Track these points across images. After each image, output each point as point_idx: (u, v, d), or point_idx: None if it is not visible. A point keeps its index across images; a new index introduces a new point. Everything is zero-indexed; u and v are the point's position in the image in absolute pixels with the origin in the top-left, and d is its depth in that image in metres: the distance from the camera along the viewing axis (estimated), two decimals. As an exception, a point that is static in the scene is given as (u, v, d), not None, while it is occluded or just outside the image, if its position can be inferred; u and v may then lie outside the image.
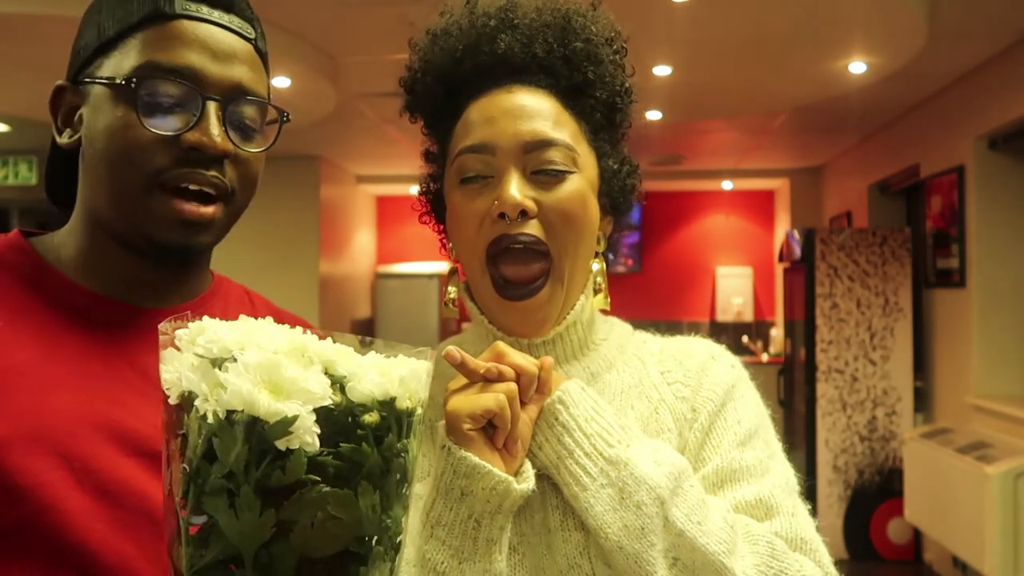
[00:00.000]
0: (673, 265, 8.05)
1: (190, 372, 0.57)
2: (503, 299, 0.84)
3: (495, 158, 0.83)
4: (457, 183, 0.85)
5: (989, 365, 4.07)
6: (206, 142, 0.80)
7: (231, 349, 0.57)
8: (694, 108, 4.84)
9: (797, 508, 0.84)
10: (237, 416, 0.54)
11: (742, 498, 0.82)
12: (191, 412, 0.56)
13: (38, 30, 3.34)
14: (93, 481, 0.75)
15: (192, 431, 0.56)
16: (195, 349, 0.58)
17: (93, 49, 0.84)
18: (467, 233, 0.84)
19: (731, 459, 0.84)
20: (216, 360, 0.57)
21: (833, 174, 6.77)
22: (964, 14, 3.35)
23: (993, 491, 3.41)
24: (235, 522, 0.54)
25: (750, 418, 0.89)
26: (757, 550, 0.77)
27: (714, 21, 3.33)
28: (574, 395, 0.80)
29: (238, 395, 0.54)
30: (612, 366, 0.90)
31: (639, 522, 0.74)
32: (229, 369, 0.55)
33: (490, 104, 0.85)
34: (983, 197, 4.10)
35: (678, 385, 0.89)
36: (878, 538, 4.82)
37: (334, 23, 3.57)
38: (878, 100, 4.60)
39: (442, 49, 0.88)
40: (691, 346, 0.94)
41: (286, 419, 0.54)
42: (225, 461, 0.54)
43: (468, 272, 0.88)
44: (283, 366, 0.56)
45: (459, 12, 0.90)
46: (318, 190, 6.62)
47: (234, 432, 0.54)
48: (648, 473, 0.75)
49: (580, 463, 0.77)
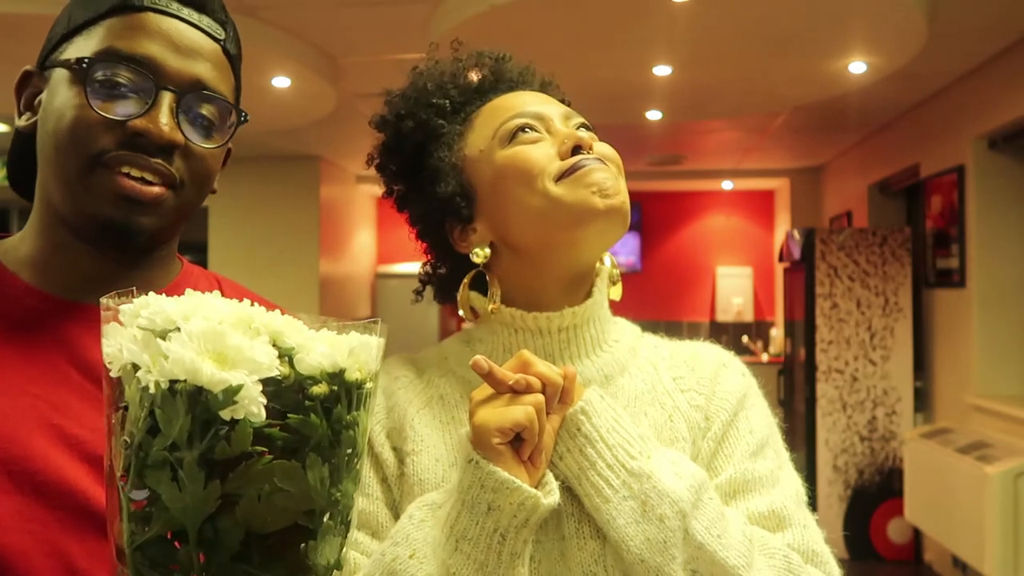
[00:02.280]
0: (673, 265, 8.05)
1: (132, 344, 0.55)
2: (581, 169, 0.86)
3: (542, 117, 0.90)
4: (507, 142, 0.88)
5: (989, 365, 4.07)
6: (152, 129, 0.80)
7: (175, 320, 0.55)
8: (694, 108, 4.84)
9: (808, 520, 0.84)
10: (180, 386, 0.53)
11: (755, 509, 0.82)
12: (132, 384, 0.55)
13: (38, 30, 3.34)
14: (31, 483, 0.75)
15: (133, 403, 0.55)
16: (138, 322, 0.56)
17: (60, 36, 0.86)
18: (534, 169, 0.86)
19: (744, 470, 0.84)
20: (160, 332, 0.55)
21: (833, 174, 6.77)
22: (964, 14, 3.35)
23: (993, 491, 3.41)
24: (178, 495, 0.53)
25: (761, 428, 0.89)
26: (774, 563, 0.77)
27: (714, 21, 3.32)
28: (596, 405, 0.79)
29: (180, 364, 0.53)
30: (625, 370, 0.90)
31: (661, 535, 0.73)
32: (172, 339, 0.54)
33: (511, 96, 0.93)
34: (983, 197, 4.09)
35: (692, 393, 0.89)
36: (878, 538, 4.82)
37: (334, 23, 3.57)
38: (878, 100, 4.59)
39: (439, 74, 0.96)
40: (702, 352, 0.95)
41: (231, 388, 0.53)
42: (168, 432, 0.53)
43: (532, 207, 0.86)
44: (227, 335, 0.54)
45: (443, 62, 0.97)
46: (318, 190, 6.62)
47: (177, 403, 0.52)
48: (671, 487, 0.75)
49: (602, 475, 0.77)
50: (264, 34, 3.62)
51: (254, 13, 3.48)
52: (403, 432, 0.86)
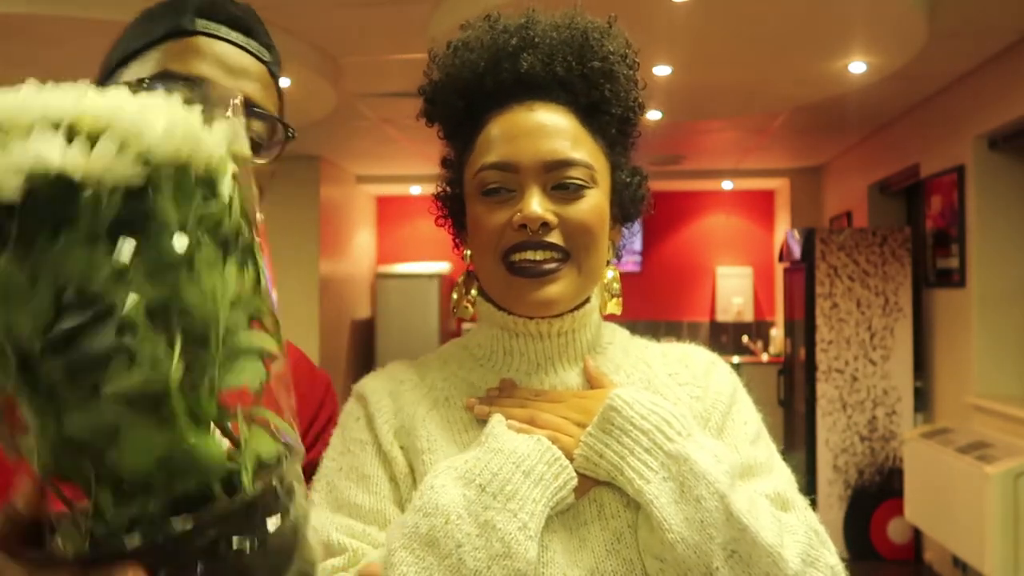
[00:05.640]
0: (673, 265, 8.05)
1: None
2: (517, 276, 0.86)
3: (517, 176, 0.86)
4: (479, 194, 0.88)
5: (989, 365, 4.07)
6: None
7: None
8: (694, 108, 4.84)
9: (805, 502, 0.88)
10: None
11: (762, 492, 0.84)
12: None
13: (38, 30, 3.34)
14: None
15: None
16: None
17: (116, 61, 0.90)
18: (488, 239, 0.87)
19: (746, 456, 0.87)
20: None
21: (833, 174, 6.77)
22: (964, 14, 3.35)
23: (993, 491, 3.41)
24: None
25: (754, 419, 0.93)
26: (797, 539, 0.80)
27: (714, 21, 3.33)
28: (624, 398, 0.82)
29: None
30: (619, 368, 0.93)
31: (699, 516, 0.76)
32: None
33: (511, 121, 0.88)
34: (983, 197, 4.09)
35: (690, 387, 0.92)
36: (878, 538, 4.82)
37: (334, 23, 3.57)
38: (878, 100, 4.59)
39: (463, 63, 0.91)
40: (691, 351, 0.98)
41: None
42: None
43: (483, 270, 0.90)
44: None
45: (480, 27, 0.92)
46: (318, 190, 6.62)
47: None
48: (708, 469, 0.78)
49: (641, 458, 0.80)
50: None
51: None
52: (414, 431, 0.87)
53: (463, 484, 0.76)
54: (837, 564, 0.82)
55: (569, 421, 0.84)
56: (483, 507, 0.75)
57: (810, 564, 0.79)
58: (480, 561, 0.73)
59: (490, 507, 0.75)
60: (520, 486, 0.77)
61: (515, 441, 0.80)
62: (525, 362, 0.91)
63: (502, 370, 0.92)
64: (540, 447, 0.80)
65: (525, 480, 0.77)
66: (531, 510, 0.76)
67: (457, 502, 0.75)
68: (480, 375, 0.92)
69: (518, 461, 0.78)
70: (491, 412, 0.84)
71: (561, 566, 0.79)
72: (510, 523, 0.75)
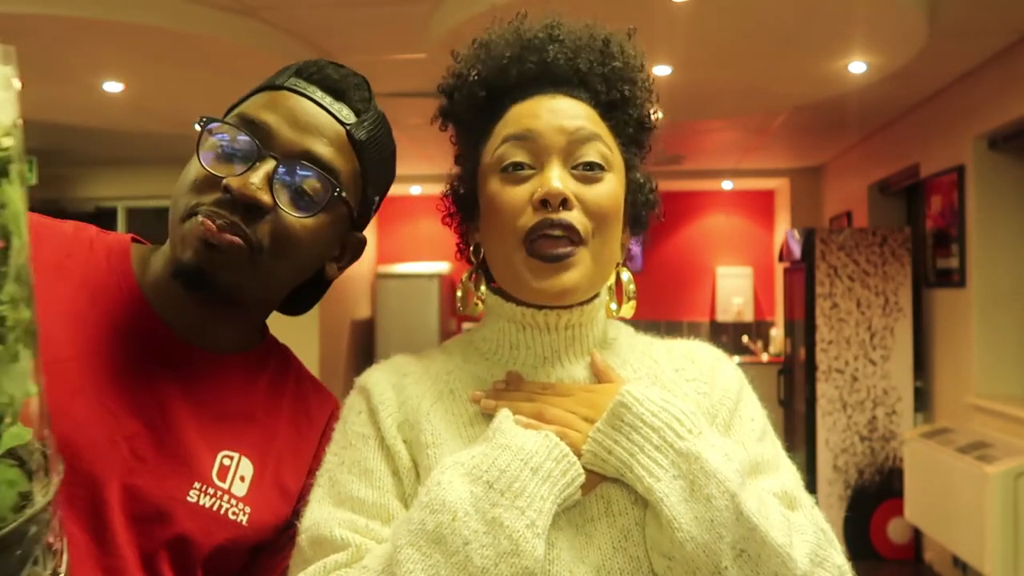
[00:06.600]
0: (673, 265, 8.05)
1: None
2: (534, 259, 0.85)
3: (538, 146, 0.86)
4: (497, 171, 0.87)
5: (989, 365, 4.07)
6: (236, 185, 0.85)
7: None
8: (694, 108, 4.84)
9: (811, 501, 0.87)
10: None
11: (770, 490, 0.84)
12: None
13: (39, 30, 3.34)
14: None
15: None
16: None
17: (228, 108, 0.95)
18: (505, 218, 0.86)
19: (754, 453, 0.87)
20: None
21: (833, 174, 6.77)
22: (964, 14, 3.35)
23: (993, 491, 3.41)
24: None
25: (760, 416, 0.93)
26: (805, 539, 0.80)
27: (714, 21, 3.33)
28: (635, 394, 0.82)
29: None
30: (626, 363, 0.93)
31: (709, 514, 0.75)
32: None
33: (534, 104, 0.89)
34: (983, 197, 4.10)
35: (697, 382, 0.91)
36: (878, 538, 4.82)
37: (334, 23, 3.57)
38: (878, 100, 4.59)
39: (488, 55, 0.91)
40: (697, 347, 0.97)
41: None
42: None
43: (498, 256, 0.88)
44: None
45: (506, 28, 0.93)
46: (318, 190, 6.61)
47: None
48: (719, 468, 0.77)
49: (651, 456, 0.79)
50: (264, 34, 3.62)
51: (254, 13, 3.48)
52: (418, 425, 0.86)
53: (470, 481, 0.75)
54: (844, 564, 0.81)
55: (577, 416, 0.83)
56: (491, 504, 0.74)
57: (818, 564, 0.79)
58: (487, 559, 0.72)
59: (498, 504, 0.74)
60: (528, 483, 0.76)
61: (523, 437, 0.79)
62: (532, 355, 0.90)
63: (508, 364, 0.91)
64: (548, 443, 0.79)
65: (533, 477, 0.76)
66: (539, 507, 0.75)
67: (464, 499, 0.74)
68: (486, 368, 0.91)
69: (526, 458, 0.77)
70: (498, 406, 0.84)
71: (567, 563, 0.78)
72: (518, 521, 0.74)
